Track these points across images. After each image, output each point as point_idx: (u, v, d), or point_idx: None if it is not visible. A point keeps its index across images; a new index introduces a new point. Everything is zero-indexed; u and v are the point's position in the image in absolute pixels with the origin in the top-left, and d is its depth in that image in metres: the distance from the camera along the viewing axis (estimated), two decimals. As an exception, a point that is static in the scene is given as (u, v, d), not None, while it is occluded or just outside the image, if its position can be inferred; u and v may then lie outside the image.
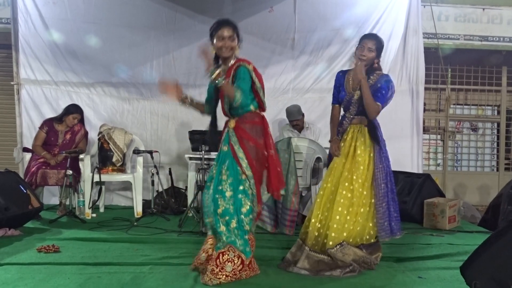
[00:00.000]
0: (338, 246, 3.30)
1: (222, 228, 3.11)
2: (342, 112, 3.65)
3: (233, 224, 3.11)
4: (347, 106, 3.53)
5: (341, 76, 3.61)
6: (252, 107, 3.26)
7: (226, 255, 3.07)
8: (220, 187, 3.15)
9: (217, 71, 2.98)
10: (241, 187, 3.16)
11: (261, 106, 3.34)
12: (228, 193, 3.13)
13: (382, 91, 3.38)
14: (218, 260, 3.06)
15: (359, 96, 3.42)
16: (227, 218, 3.11)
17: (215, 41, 3.19)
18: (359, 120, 3.51)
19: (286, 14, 6.20)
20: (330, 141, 3.66)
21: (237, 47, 3.24)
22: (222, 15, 5.78)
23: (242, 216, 3.13)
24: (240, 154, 3.20)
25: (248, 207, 3.16)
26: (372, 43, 3.39)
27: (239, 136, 3.22)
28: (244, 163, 3.19)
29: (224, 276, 3.03)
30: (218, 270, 3.04)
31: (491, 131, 8.20)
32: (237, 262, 3.07)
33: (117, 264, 3.36)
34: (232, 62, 3.24)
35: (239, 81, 3.13)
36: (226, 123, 3.34)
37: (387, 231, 3.42)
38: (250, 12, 6.07)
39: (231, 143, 3.23)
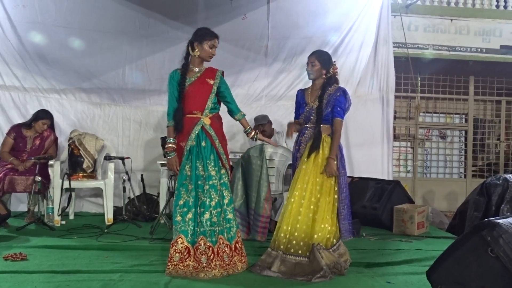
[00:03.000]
0: (320, 245, 3.41)
1: (215, 219, 3.37)
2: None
3: (222, 215, 3.43)
4: (308, 117, 3.74)
5: (301, 93, 3.89)
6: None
7: (221, 247, 3.37)
8: (211, 182, 3.42)
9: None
10: (222, 180, 3.48)
11: None
12: (218, 187, 3.43)
13: (341, 105, 3.66)
14: (218, 254, 3.35)
15: (317, 106, 3.67)
16: (218, 210, 3.39)
17: (205, 46, 3.50)
18: (323, 129, 3.67)
19: (259, 21, 6.24)
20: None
21: None
22: (195, 21, 5.87)
23: (225, 207, 3.47)
24: (221, 149, 3.51)
25: (228, 198, 3.52)
26: (313, 59, 3.73)
27: (217, 132, 3.52)
28: (224, 157, 3.51)
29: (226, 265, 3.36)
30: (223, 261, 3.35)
31: (459, 138, 8.42)
32: (228, 251, 3.38)
33: (87, 272, 3.31)
34: (204, 66, 3.60)
35: (228, 90, 3.63)
36: (194, 120, 3.49)
37: (348, 231, 3.65)
38: (224, 19, 6.09)
39: (211, 138, 3.47)
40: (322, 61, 3.71)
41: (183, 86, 3.49)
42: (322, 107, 3.63)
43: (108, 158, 5.30)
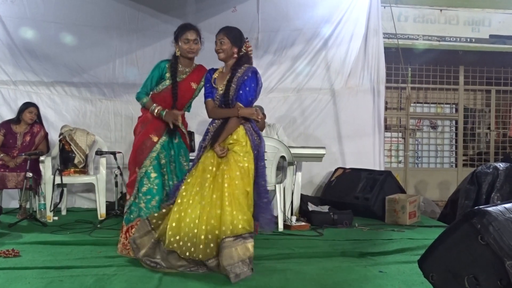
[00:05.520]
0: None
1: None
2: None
3: None
4: (219, 105, 3.32)
5: (211, 74, 3.40)
6: None
7: None
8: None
9: None
10: None
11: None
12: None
13: (252, 84, 3.23)
14: None
15: (223, 92, 3.26)
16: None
17: (181, 43, 3.43)
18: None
19: (249, 14, 6.21)
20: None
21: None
22: (185, 15, 5.84)
23: None
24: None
25: None
26: (221, 36, 3.27)
27: (185, 128, 3.62)
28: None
29: None
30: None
31: (450, 128, 8.46)
32: None
33: (80, 267, 3.29)
34: (194, 65, 3.54)
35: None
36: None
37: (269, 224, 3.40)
38: (214, 11, 6.06)
39: (182, 135, 3.61)
40: (232, 37, 3.27)
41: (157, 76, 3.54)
42: (229, 93, 3.22)
43: (99, 153, 5.28)
